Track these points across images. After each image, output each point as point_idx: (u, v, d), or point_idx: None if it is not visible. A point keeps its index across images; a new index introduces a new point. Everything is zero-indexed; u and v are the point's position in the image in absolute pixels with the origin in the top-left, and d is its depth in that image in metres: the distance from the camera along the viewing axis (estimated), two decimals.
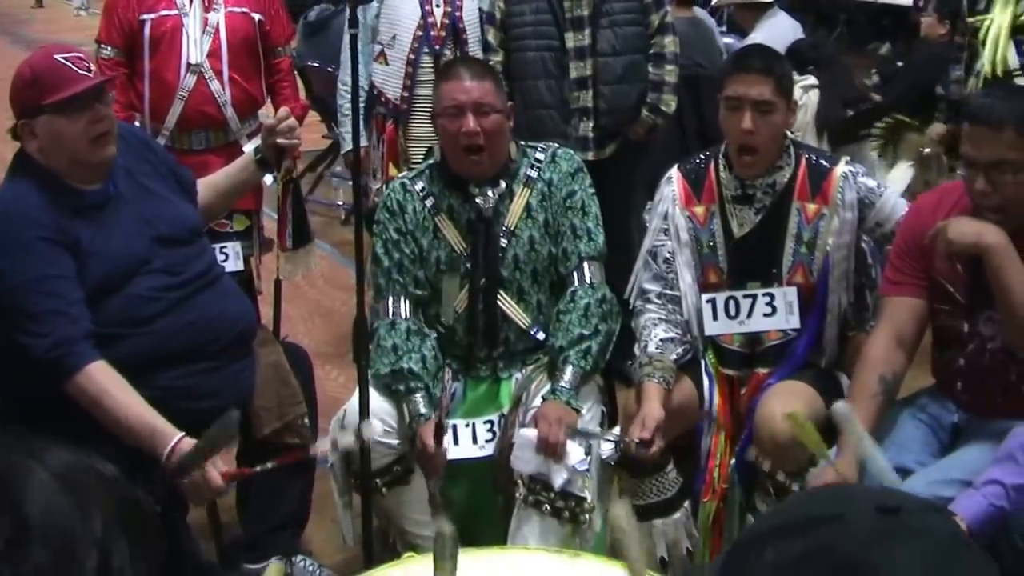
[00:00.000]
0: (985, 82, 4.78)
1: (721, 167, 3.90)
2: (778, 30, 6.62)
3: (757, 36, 6.46)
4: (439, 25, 5.24)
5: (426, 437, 3.66)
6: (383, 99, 5.27)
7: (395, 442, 3.80)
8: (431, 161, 4.05)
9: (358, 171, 3.87)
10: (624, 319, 3.99)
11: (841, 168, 3.84)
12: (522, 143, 4.02)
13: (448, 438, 3.72)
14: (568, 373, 3.74)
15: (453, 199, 3.93)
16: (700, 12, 7.37)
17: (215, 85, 4.99)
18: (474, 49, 5.28)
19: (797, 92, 5.32)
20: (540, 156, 3.98)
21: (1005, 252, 3.23)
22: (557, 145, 4.11)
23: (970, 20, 4.94)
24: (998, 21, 4.79)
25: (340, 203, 9.00)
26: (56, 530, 1.28)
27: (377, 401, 3.74)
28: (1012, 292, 3.23)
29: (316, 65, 8.18)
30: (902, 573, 1.16)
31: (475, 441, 3.83)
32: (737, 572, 1.27)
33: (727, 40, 8.03)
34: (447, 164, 3.94)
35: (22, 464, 1.32)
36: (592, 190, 3.99)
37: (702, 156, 4.01)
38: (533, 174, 3.95)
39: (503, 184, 3.91)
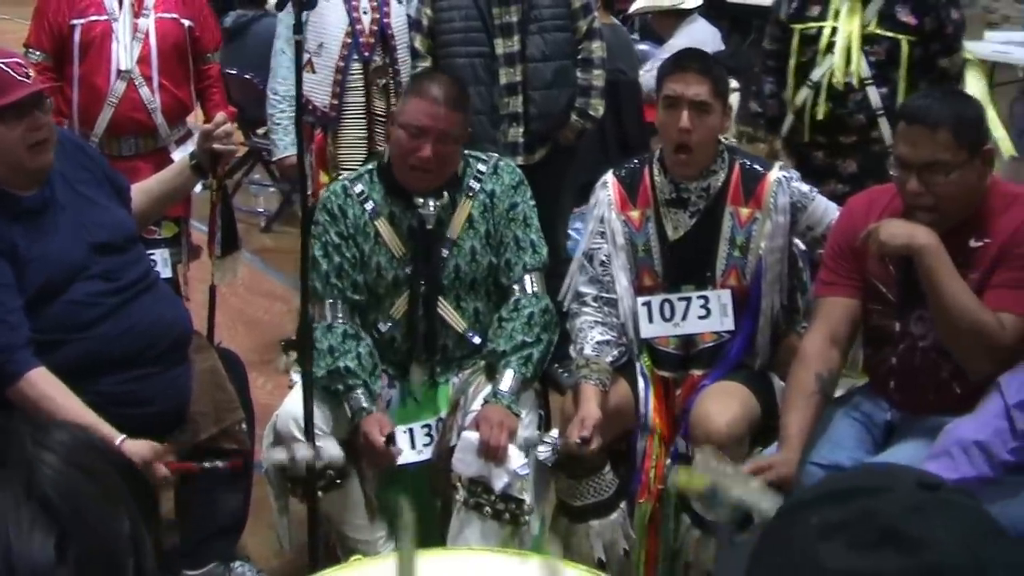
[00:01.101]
0: (830, 92, 4.75)
1: (655, 171, 3.94)
2: (698, 36, 6.69)
3: (677, 43, 6.52)
4: (368, 32, 5.24)
5: (371, 431, 3.68)
6: (311, 107, 5.26)
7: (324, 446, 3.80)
8: (372, 165, 4.05)
9: (304, 180, 3.86)
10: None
11: (775, 173, 3.90)
12: (465, 152, 4.03)
13: (389, 423, 3.76)
14: (509, 378, 3.78)
15: (395, 206, 3.94)
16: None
17: (145, 91, 4.95)
18: (403, 55, 5.29)
19: None
20: (482, 168, 4.01)
21: (936, 253, 3.30)
22: (498, 156, 4.15)
23: (800, 27, 4.86)
24: (846, 29, 4.73)
25: (260, 210, 8.96)
26: (95, 531, 1.30)
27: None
28: (943, 292, 3.30)
29: (233, 72, 8.14)
30: (941, 543, 1.21)
31: (413, 446, 3.86)
32: (783, 534, 1.33)
33: (642, 47, 8.11)
34: (391, 170, 3.95)
35: (34, 454, 1.32)
36: (533, 202, 4.03)
37: (636, 161, 4.05)
38: (475, 186, 3.97)
39: (446, 196, 3.93)
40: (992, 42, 13.10)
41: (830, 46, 4.75)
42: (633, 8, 7.54)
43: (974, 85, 4.83)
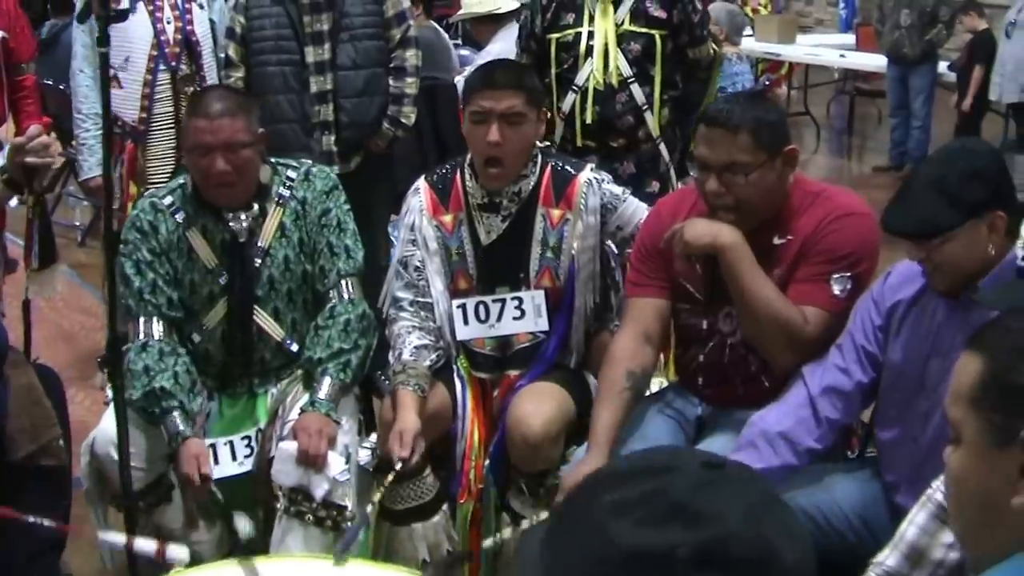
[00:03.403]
0: (596, 96, 4.86)
1: (467, 176, 3.97)
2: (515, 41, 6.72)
3: (494, 48, 6.55)
4: (172, 41, 5.21)
5: (189, 468, 3.61)
6: (119, 123, 5.18)
7: (142, 467, 3.75)
8: (182, 180, 4.00)
9: (111, 197, 3.77)
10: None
11: (585, 175, 3.95)
12: (274, 160, 4.00)
13: (208, 457, 3.70)
14: (326, 385, 3.76)
15: (206, 220, 3.90)
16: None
17: None
18: (209, 61, 5.30)
19: None
20: (292, 174, 3.98)
21: (739, 250, 3.37)
22: (311, 163, 4.13)
23: (557, 36, 4.95)
24: (601, 30, 4.84)
25: (77, 223, 8.80)
26: None
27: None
28: (747, 288, 3.38)
29: (48, 83, 7.97)
30: (727, 516, 1.29)
31: (234, 458, 3.84)
32: (577, 514, 1.38)
33: (463, 52, 8.16)
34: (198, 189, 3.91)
35: None
36: (347, 207, 4.01)
37: (448, 166, 4.07)
38: (286, 193, 3.94)
39: (256, 207, 3.90)
40: (805, 45, 13.49)
41: (589, 50, 4.86)
42: (455, 17, 7.58)
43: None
